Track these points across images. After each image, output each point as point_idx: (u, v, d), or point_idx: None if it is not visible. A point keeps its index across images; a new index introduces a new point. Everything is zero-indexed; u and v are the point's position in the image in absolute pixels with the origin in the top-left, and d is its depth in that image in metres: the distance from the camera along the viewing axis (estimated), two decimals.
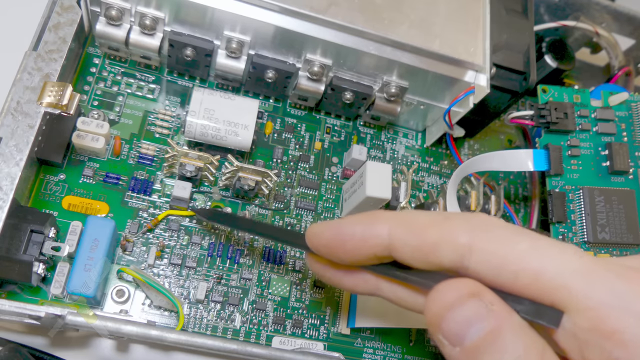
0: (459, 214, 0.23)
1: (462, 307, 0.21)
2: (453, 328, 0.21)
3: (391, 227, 0.23)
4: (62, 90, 0.34)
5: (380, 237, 0.24)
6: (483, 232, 0.22)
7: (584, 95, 0.44)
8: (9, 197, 0.31)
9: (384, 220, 0.24)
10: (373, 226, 0.24)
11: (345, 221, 0.25)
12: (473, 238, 0.22)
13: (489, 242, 0.21)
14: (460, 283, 0.21)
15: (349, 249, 0.25)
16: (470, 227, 0.22)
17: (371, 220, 0.24)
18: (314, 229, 0.26)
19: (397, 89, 0.41)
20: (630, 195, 0.41)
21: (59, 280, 0.34)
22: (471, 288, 0.21)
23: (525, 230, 0.22)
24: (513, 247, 0.21)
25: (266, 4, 0.36)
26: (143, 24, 0.38)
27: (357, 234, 0.24)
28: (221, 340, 0.34)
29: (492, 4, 0.41)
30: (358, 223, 0.25)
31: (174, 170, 0.40)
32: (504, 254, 0.21)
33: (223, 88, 0.44)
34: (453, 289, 0.21)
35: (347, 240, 0.25)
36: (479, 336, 0.20)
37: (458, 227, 0.22)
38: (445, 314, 0.21)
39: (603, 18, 0.49)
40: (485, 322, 0.20)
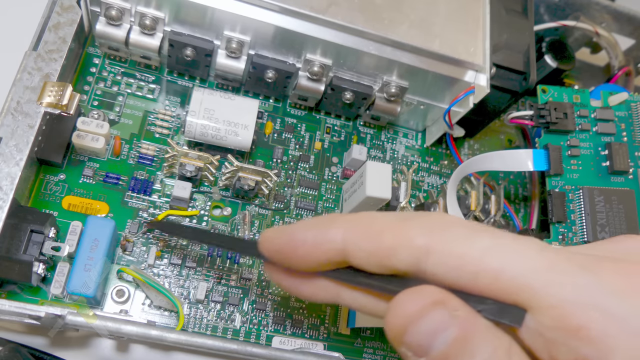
0: (416, 214, 0.22)
1: (425, 318, 0.20)
2: (417, 340, 0.20)
3: (345, 232, 0.22)
4: (62, 90, 0.34)
5: (333, 242, 0.23)
6: (440, 233, 0.21)
7: (583, 96, 0.44)
8: (9, 197, 0.31)
9: (338, 224, 0.23)
10: (326, 231, 0.23)
11: (298, 226, 0.24)
12: (430, 239, 0.21)
13: (446, 243, 0.20)
14: (421, 292, 0.20)
15: (302, 254, 0.23)
16: (427, 228, 0.21)
17: (324, 224, 0.23)
18: (267, 234, 0.25)
19: (397, 89, 0.41)
20: (630, 195, 0.41)
21: (59, 280, 0.34)
22: (433, 296, 0.20)
23: (484, 227, 0.21)
24: (471, 247, 0.20)
25: (266, 4, 0.37)
26: (143, 24, 0.38)
27: (310, 240, 0.23)
28: (221, 340, 0.34)
29: (492, 4, 0.41)
30: (311, 228, 0.23)
31: (174, 170, 0.40)
32: (462, 254, 0.20)
33: (223, 88, 0.44)
34: (414, 300, 0.20)
35: (299, 246, 0.23)
36: (446, 345, 0.20)
37: (414, 229, 0.21)
38: (408, 326, 0.20)
39: (603, 18, 0.49)
40: (450, 329, 0.20)
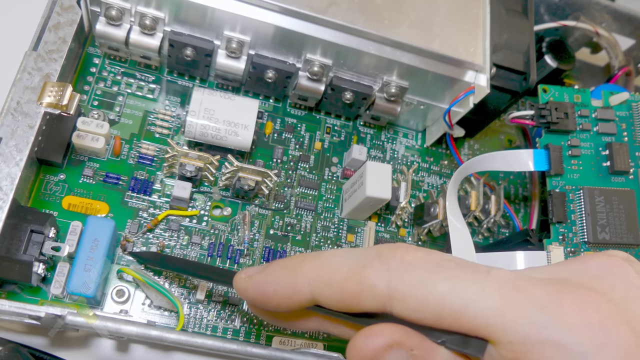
0: (376, 255, 0.23)
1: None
2: None
3: (311, 282, 0.23)
4: (62, 90, 0.34)
5: (301, 293, 0.23)
6: (399, 279, 0.21)
7: (584, 95, 0.44)
8: (9, 197, 0.31)
9: (303, 274, 0.23)
10: (293, 282, 0.24)
11: (266, 277, 0.25)
12: (390, 285, 0.21)
13: (407, 288, 0.21)
14: (378, 334, 0.21)
15: (275, 304, 0.24)
16: (387, 273, 0.22)
17: (291, 275, 0.24)
18: (240, 284, 0.26)
19: (397, 89, 0.41)
20: (630, 195, 0.41)
21: (59, 280, 0.34)
22: (390, 338, 0.21)
23: (445, 264, 0.22)
24: (432, 290, 0.21)
25: (266, 4, 0.36)
26: (143, 24, 0.38)
27: (279, 292, 0.24)
28: (221, 340, 0.34)
29: (492, 4, 0.41)
30: (278, 279, 0.24)
31: (174, 170, 0.40)
32: (423, 297, 0.21)
33: (223, 88, 0.44)
34: (371, 342, 0.21)
35: (271, 297, 0.24)
36: None
37: (374, 276, 0.22)
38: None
39: (603, 18, 0.49)
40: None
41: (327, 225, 0.43)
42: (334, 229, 0.43)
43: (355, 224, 0.44)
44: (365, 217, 0.43)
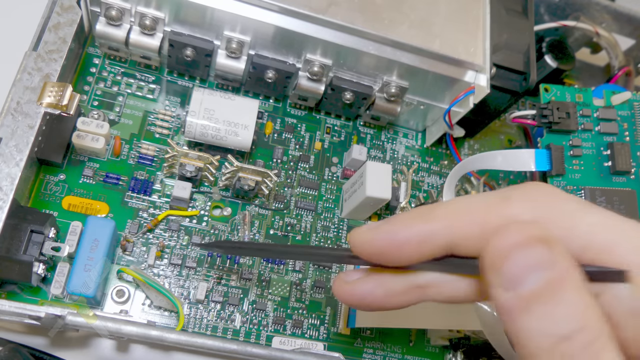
0: (517, 189, 0.21)
1: (527, 251, 0.19)
2: (513, 270, 0.19)
3: (447, 225, 0.22)
4: (62, 90, 0.34)
5: (437, 236, 0.22)
6: (546, 207, 0.20)
7: (586, 95, 0.44)
8: (9, 197, 0.31)
9: (439, 217, 0.22)
10: (428, 227, 0.22)
11: (397, 225, 0.23)
12: (537, 214, 0.20)
13: (554, 217, 0.20)
14: (531, 226, 0.20)
15: (406, 254, 0.23)
16: (532, 202, 0.21)
17: (425, 220, 0.22)
18: (362, 236, 0.24)
19: (397, 89, 0.41)
20: (631, 195, 0.41)
21: (59, 280, 0.34)
22: (541, 233, 0.19)
23: (592, 204, 0.21)
24: (580, 221, 0.20)
25: (266, 4, 0.36)
26: (143, 24, 0.38)
27: (413, 238, 0.22)
28: (221, 341, 0.34)
29: (492, 4, 0.41)
30: (411, 225, 0.23)
31: (174, 170, 0.40)
32: (571, 227, 0.20)
33: (223, 88, 0.44)
34: (523, 231, 0.19)
35: (403, 246, 0.23)
36: (538, 284, 0.19)
37: (519, 206, 0.21)
38: (509, 254, 0.19)
39: (603, 18, 0.49)
40: (548, 271, 0.19)
41: (327, 225, 0.43)
42: (334, 229, 0.43)
43: (355, 224, 0.44)
44: (365, 217, 0.43)
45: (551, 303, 0.19)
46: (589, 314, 0.19)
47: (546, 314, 0.19)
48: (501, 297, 0.20)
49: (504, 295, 0.19)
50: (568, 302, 0.19)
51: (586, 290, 0.19)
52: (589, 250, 0.20)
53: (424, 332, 0.42)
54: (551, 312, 0.19)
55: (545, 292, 0.19)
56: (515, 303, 0.19)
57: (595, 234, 0.20)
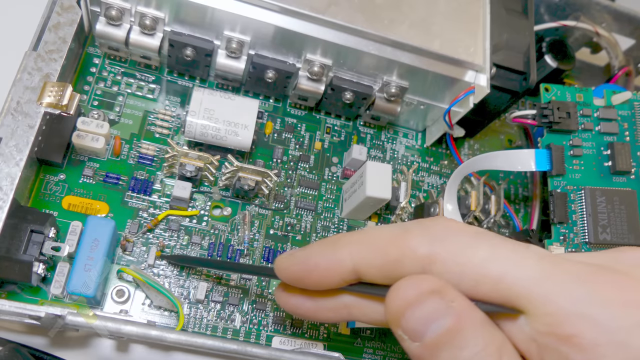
0: (417, 223, 0.23)
1: (422, 305, 0.21)
2: (413, 324, 0.21)
3: (352, 252, 0.24)
4: (62, 90, 0.34)
5: (343, 263, 0.24)
6: (441, 242, 0.22)
7: (586, 94, 0.44)
8: (9, 197, 0.31)
9: (344, 245, 0.24)
10: (335, 254, 0.24)
11: (308, 252, 0.26)
12: (431, 249, 0.22)
13: (448, 252, 0.22)
14: (420, 280, 0.21)
15: (316, 278, 0.25)
16: (428, 237, 0.22)
17: (333, 247, 0.25)
18: (281, 263, 0.27)
19: (397, 89, 0.41)
20: (631, 195, 0.41)
21: (59, 280, 0.34)
22: (432, 285, 0.21)
23: (485, 234, 0.22)
24: (473, 255, 0.21)
25: (266, 4, 0.36)
26: (143, 24, 0.38)
27: (321, 264, 0.25)
28: (221, 340, 0.34)
29: (492, 4, 0.41)
30: (320, 252, 0.25)
31: (174, 170, 0.40)
32: (464, 262, 0.21)
33: (223, 88, 0.44)
34: (413, 286, 0.21)
35: (313, 271, 0.25)
36: (439, 333, 0.20)
37: (416, 240, 0.22)
38: (405, 311, 0.21)
39: (603, 18, 0.49)
40: (445, 319, 0.20)
41: (327, 225, 0.43)
42: (334, 229, 0.43)
43: (355, 223, 0.44)
44: (365, 217, 0.43)
45: (453, 348, 0.20)
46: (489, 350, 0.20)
47: (451, 358, 0.20)
48: (409, 348, 0.21)
49: (411, 346, 0.21)
50: (468, 343, 0.20)
51: (483, 328, 0.21)
52: (483, 284, 0.21)
53: None
54: (455, 355, 0.20)
55: (446, 339, 0.20)
56: (422, 352, 0.21)
57: (486, 268, 0.21)
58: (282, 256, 0.27)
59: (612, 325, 0.19)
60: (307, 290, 0.27)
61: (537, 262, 0.21)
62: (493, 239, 0.22)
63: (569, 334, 0.19)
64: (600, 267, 0.21)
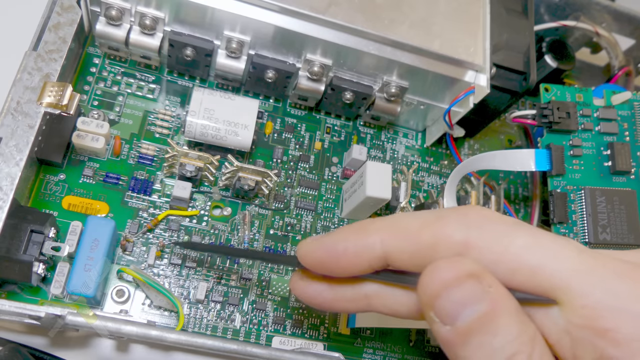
0: (452, 210, 0.23)
1: (458, 288, 0.20)
2: (447, 307, 0.20)
3: (383, 237, 0.23)
4: (62, 90, 0.34)
5: (373, 248, 0.23)
6: (478, 228, 0.21)
7: (586, 94, 0.44)
8: (9, 197, 0.31)
9: (375, 230, 0.23)
10: (365, 239, 0.23)
11: (336, 237, 0.25)
12: (468, 235, 0.21)
13: (485, 239, 0.21)
14: (459, 262, 0.21)
15: (344, 264, 0.24)
16: (465, 223, 0.22)
17: (362, 232, 0.24)
18: (306, 247, 0.26)
19: (397, 89, 0.41)
20: (631, 195, 0.41)
21: (59, 280, 0.34)
22: (470, 268, 0.20)
23: (523, 224, 0.22)
24: (510, 243, 0.21)
25: (266, 4, 0.37)
26: (143, 24, 0.38)
27: (350, 250, 0.24)
28: (221, 340, 0.34)
29: (492, 4, 0.41)
30: (349, 237, 0.24)
31: (174, 170, 0.40)
32: (501, 250, 0.21)
33: (223, 88, 0.44)
34: (451, 268, 0.21)
35: (341, 257, 0.24)
36: (472, 318, 0.20)
37: (452, 225, 0.22)
38: (441, 292, 0.20)
39: (603, 18, 0.49)
40: (480, 304, 0.20)
41: (327, 225, 0.43)
42: (334, 229, 0.43)
43: None
44: (365, 217, 0.43)
45: (486, 334, 0.20)
46: (522, 340, 0.20)
47: (482, 344, 0.20)
48: (440, 331, 0.21)
49: (442, 329, 0.21)
50: (501, 331, 0.20)
51: (518, 317, 0.20)
52: (519, 273, 0.21)
53: (424, 332, 0.42)
54: (487, 342, 0.20)
55: (479, 325, 0.20)
56: (453, 337, 0.20)
57: (524, 257, 0.21)
58: (306, 241, 0.26)
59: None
60: (327, 279, 0.26)
61: (577, 255, 0.20)
62: (531, 228, 0.21)
63: (606, 328, 0.19)
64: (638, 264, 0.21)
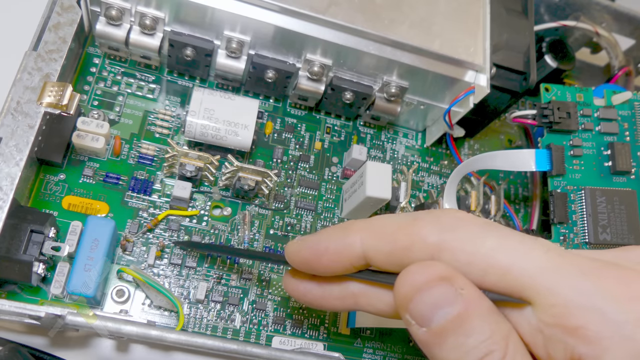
0: (427, 213, 0.24)
1: (430, 290, 0.21)
2: (421, 310, 0.21)
3: (362, 237, 0.24)
4: (62, 90, 0.34)
5: (353, 247, 0.24)
6: (450, 231, 0.22)
7: (586, 94, 0.44)
8: (9, 197, 0.31)
9: (355, 230, 0.24)
10: (345, 238, 0.25)
11: (319, 237, 0.26)
12: (441, 237, 0.22)
13: (457, 241, 0.22)
14: (430, 266, 0.21)
15: (326, 263, 0.25)
16: (438, 226, 0.22)
17: (343, 232, 0.25)
18: (292, 247, 0.27)
19: (397, 89, 0.41)
20: (631, 195, 0.41)
21: (59, 280, 0.34)
22: (441, 272, 0.21)
23: (493, 225, 0.22)
24: (481, 245, 0.21)
25: (266, 4, 0.36)
26: (143, 24, 0.38)
27: (331, 248, 0.25)
28: (221, 340, 0.34)
29: (492, 4, 0.41)
30: (331, 237, 0.25)
31: (174, 170, 0.40)
32: (472, 251, 0.21)
33: (223, 88, 0.44)
34: (423, 272, 0.21)
35: (323, 255, 0.25)
36: (446, 319, 0.21)
37: (426, 228, 0.22)
38: (414, 295, 0.21)
39: (603, 18, 0.49)
40: (452, 306, 0.21)
41: (327, 225, 0.43)
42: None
43: None
44: (365, 217, 0.43)
45: (460, 335, 0.20)
46: (496, 338, 0.20)
47: (457, 345, 0.20)
48: (416, 333, 0.22)
49: (418, 331, 0.21)
50: (474, 331, 0.20)
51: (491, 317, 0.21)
52: (490, 273, 0.21)
53: None
54: (461, 342, 0.20)
55: (453, 326, 0.21)
56: (428, 338, 0.21)
57: (493, 258, 0.21)
58: (292, 241, 0.27)
59: (618, 318, 0.19)
60: (316, 277, 0.27)
61: (544, 254, 0.21)
62: (501, 230, 0.22)
63: (575, 325, 0.19)
64: (606, 262, 0.21)
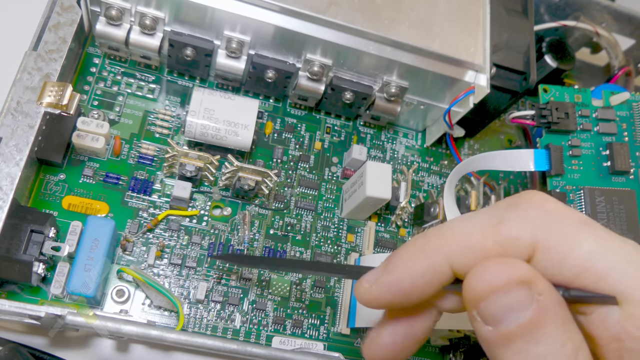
0: (510, 209, 0.21)
1: (507, 293, 0.19)
2: (492, 311, 0.19)
3: (447, 256, 0.21)
4: (62, 90, 0.34)
5: (441, 273, 0.21)
6: (544, 230, 0.20)
7: (585, 95, 0.44)
8: (9, 197, 0.31)
9: (436, 251, 0.21)
10: (429, 264, 0.21)
11: (398, 272, 0.22)
12: (535, 237, 0.20)
13: (551, 240, 0.20)
14: (511, 266, 0.19)
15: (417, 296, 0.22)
16: (529, 224, 0.20)
17: (423, 258, 0.22)
18: (369, 295, 0.23)
19: (397, 89, 0.41)
20: (630, 195, 0.41)
21: (59, 280, 0.34)
22: (522, 274, 0.19)
23: (590, 223, 0.20)
24: (577, 246, 0.20)
25: (266, 4, 0.36)
26: (143, 24, 0.38)
27: (418, 282, 0.22)
28: (221, 340, 0.34)
29: (492, 4, 0.41)
30: (411, 267, 0.22)
31: (174, 170, 0.40)
32: (567, 252, 0.20)
33: (223, 88, 0.44)
34: (502, 271, 0.19)
35: (410, 292, 0.22)
36: (517, 324, 0.19)
37: (515, 230, 0.20)
38: (488, 295, 0.19)
39: (603, 18, 0.49)
40: (526, 312, 0.19)
41: (327, 225, 0.43)
42: (334, 229, 0.43)
43: (355, 223, 0.44)
44: (365, 217, 0.43)
45: (528, 341, 0.19)
46: (566, 350, 0.19)
47: (523, 350, 0.19)
48: (481, 329, 0.20)
49: (483, 328, 0.20)
50: (545, 339, 0.19)
51: (565, 326, 0.19)
52: (584, 277, 0.20)
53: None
54: (528, 349, 0.19)
55: (523, 332, 0.19)
56: (494, 337, 0.20)
57: (591, 262, 0.19)
58: (363, 286, 0.23)
59: None
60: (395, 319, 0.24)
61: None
62: (599, 230, 0.20)
63: None
64: None
